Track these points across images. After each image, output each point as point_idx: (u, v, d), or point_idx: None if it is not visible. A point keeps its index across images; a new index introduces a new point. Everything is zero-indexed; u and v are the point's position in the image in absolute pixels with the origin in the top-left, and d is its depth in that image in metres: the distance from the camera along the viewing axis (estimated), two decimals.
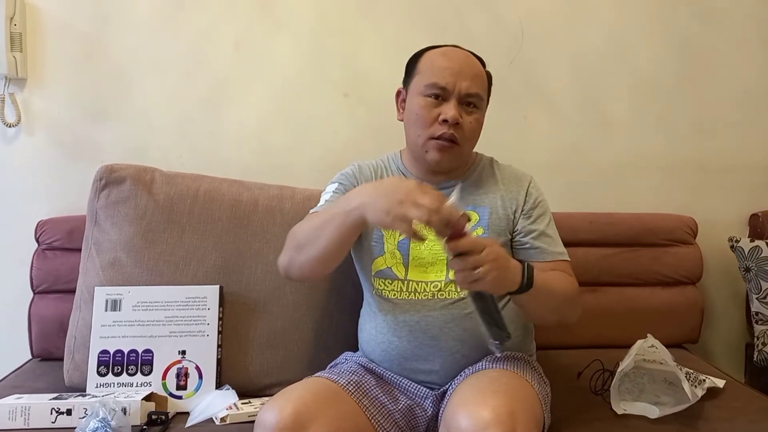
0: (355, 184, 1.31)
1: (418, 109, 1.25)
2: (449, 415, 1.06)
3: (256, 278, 1.47)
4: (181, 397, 1.36)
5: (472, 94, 1.25)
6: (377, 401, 1.20)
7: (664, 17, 1.86)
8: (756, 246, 1.74)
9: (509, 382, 1.13)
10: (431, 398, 1.23)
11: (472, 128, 1.26)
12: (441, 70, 1.25)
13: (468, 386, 1.13)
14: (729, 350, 1.92)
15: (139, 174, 1.50)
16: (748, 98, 1.90)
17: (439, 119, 1.24)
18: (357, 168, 1.37)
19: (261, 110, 1.79)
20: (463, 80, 1.24)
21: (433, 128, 1.25)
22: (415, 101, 1.26)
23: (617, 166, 1.88)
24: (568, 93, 1.86)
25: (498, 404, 1.02)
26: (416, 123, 1.26)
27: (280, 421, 1.04)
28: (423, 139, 1.26)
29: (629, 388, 1.36)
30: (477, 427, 0.99)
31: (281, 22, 1.78)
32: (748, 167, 1.90)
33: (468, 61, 1.28)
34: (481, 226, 1.29)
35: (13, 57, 1.68)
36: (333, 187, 1.33)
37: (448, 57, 1.27)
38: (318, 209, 1.30)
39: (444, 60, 1.26)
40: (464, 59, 1.28)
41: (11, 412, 1.24)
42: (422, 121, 1.25)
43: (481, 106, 1.28)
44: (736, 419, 1.30)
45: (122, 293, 1.40)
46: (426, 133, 1.25)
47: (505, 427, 0.99)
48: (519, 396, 1.09)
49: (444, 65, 1.25)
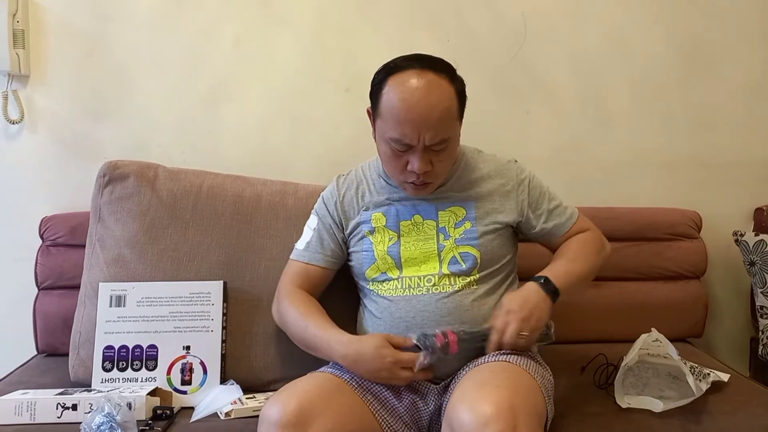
0: (335, 213, 1.35)
1: (385, 156, 1.25)
2: (451, 410, 1.05)
3: (259, 274, 1.47)
4: (185, 392, 1.37)
5: (436, 142, 1.19)
6: (381, 396, 1.21)
7: (666, 12, 1.85)
8: (761, 240, 1.74)
9: (511, 376, 1.13)
10: (434, 392, 1.23)
11: (444, 165, 1.25)
12: (402, 125, 1.17)
13: (469, 380, 1.13)
14: (733, 344, 1.92)
15: (142, 170, 1.51)
16: (751, 93, 1.89)
17: (407, 168, 1.22)
18: (335, 189, 1.38)
19: (261, 107, 1.79)
20: (426, 131, 1.17)
21: (403, 175, 1.24)
22: (382, 146, 1.24)
23: (620, 161, 1.87)
24: (570, 88, 1.85)
25: (499, 399, 1.02)
26: (387, 165, 1.27)
27: (283, 416, 1.04)
28: (397, 179, 1.28)
29: (633, 383, 1.36)
30: (478, 422, 0.99)
31: (282, 20, 1.78)
32: (751, 162, 1.90)
33: (430, 103, 1.16)
34: (468, 220, 1.30)
35: (16, 54, 1.68)
36: (314, 222, 1.37)
37: (409, 105, 1.16)
38: (302, 251, 1.35)
39: (404, 110, 1.16)
40: (426, 103, 1.16)
41: (17, 407, 1.24)
42: (391, 167, 1.25)
43: (450, 141, 1.22)
44: (740, 413, 1.29)
45: (126, 289, 1.40)
46: (398, 177, 1.26)
47: (506, 422, 0.99)
48: (521, 390, 1.09)
49: (404, 118, 1.16)
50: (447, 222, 1.31)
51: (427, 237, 1.30)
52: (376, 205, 1.34)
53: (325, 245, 1.35)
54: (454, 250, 1.29)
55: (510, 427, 0.98)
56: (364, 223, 1.33)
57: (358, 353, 1.17)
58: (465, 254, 1.29)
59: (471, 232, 1.30)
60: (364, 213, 1.34)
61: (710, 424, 1.25)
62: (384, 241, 1.31)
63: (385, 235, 1.32)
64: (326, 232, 1.36)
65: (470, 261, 1.28)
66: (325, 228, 1.36)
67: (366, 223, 1.33)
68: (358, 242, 1.34)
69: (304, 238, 1.37)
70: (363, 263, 1.32)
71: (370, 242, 1.32)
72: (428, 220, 1.31)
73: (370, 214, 1.33)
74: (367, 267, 1.32)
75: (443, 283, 1.26)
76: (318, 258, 1.35)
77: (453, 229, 1.30)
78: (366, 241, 1.32)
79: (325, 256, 1.35)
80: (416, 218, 1.32)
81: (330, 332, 1.23)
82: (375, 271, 1.31)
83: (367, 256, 1.32)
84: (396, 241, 1.31)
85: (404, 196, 1.32)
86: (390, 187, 1.34)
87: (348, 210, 1.36)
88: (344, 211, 1.36)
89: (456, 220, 1.31)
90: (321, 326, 1.25)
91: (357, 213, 1.35)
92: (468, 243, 1.29)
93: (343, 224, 1.36)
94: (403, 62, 1.22)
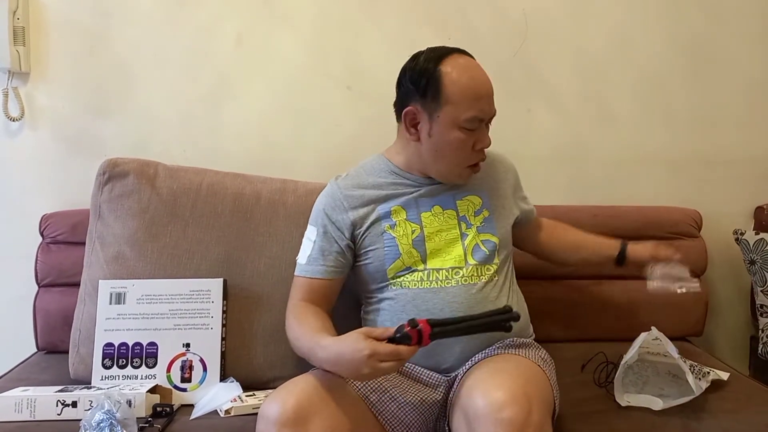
0: (336, 217, 1.29)
1: (456, 143, 1.22)
2: (465, 396, 1.06)
3: (259, 271, 1.47)
4: (185, 389, 1.37)
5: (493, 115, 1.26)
6: (384, 396, 1.20)
7: (668, 11, 1.85)
8: (761, 239, 1.73)
9: (521, 366, 1.15)
10: (444, 384, 1.23)
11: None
12: (479, 101, 1.21)
13: (481, 369, 1.14)
14: (733, 343, 1.92)
15: (142, 168, 1.50)
16: (752, 92, 1.88)
17: (475, 147, 1.24)
18: (337, 191, 1.32)
19: (263, 105, 1.79)
20: (492, 104, 1.24)
21: (470, 157, 1.25)
22: (452, 135, 1.21)
23: (621, 159, 1.87)
24: (572, 86, 1.85)
25: (513, 385, 1.03)
26: (453, 155, 1.24)
27: (282, 414, 1.04)
28: (460, 168, 1.27)
29: (633, 381, 1.36)
30: (493, 407, 0.99)
31: (283, 17, 1.77)
32: (752, 160, 1.89)
33: (487, 77, 1.24)
34: (485, 208, 1.32)
35: (16, 51, 1.68)
36: (313, 234, 1.31)
37: (480, 81, 1.22)
38: (304, 266, 1.30)
39: (478, 87, 1.21)
40: (486, 77, 1.24)
41: (17, 405, 1.24)
42: (461, 153, 1.24)
43: None
44: (740, 411, 1.29)
45: (126, 286, 1.40)
46: (464, 163, 1.26)
47: (521, 407, 0.99)
48: (532, 379, 1.11)
49: (481, 93, 1.21)
50: (466, 210, 1.31)
51: (449, 227, 1.29)
52: (391, 198, 1.30)
53: (326, 255, 1.29)
54: (477, 238, 1.29)
55: (525, 411, 0.99)
56: (384, 218, 1.28)
57: (338, 354, 1.10)
58: (486, 241, 1.29)
59: (489, 220, 1.31)
60: (380, 207, 1.29)
61: (710, 423, 1.25)
62: (407, 234, 1.28)
63: (408, 228, 1.28)
64: (327, 241, 1.30)
65: (491, 247, 1.29)
66: (326, 236, 1.30)
67: (385, 218, 1.28)
68: (377, 239, 1.28)
69: (304, 252, 1.32)
70: (385, 260, 1.27)
71: (391, 237, 1.27)
72: (448, 210, 1.30)
73: (389, 208, 1.29)
74: (390, 263, 1.27)
75: (471, 275, 1.26)
76: (320, 270, 1.29)
77: (473, 217, 1.30)
78: (387, 236, 1.28)
79: (327, 267, 1.29)
80: (436, 209, 1.30)
81: (315, 338, 1.17)
82: (399, 266, 1.27)
83: (390, 252, 1.27)
84: (420, 233, 1.28)
85: (420, 188, 1.30)
86: (404, 180, 1.31)
87: (358, 208, 1.30)
88: (353, 210, 1.30)
89: (475, 209, 1.31)
90: (308, 334, 1.20)
91: (372, 209, 1.29)
92: (488, 231, 1.30)
93: (350, 226, 1.29)
94: (437, 50, 1.24)
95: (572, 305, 1.69)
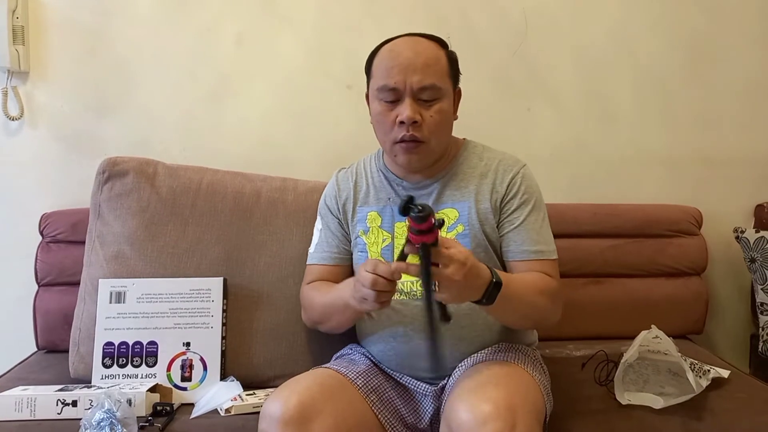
0: (335, 208, 1.34)
1: (376, 115, 1.22)
2: (449, 409, 1.05)
3: (259, 270, 1.47)
4: (185, 388, 1.37)
5: (425, 86, 1.17)
6: (385, 396, 1.20)
7: (668, 11, 1.85)
8: (761, 237, 1.73)
9: (509, 374, 1.12)
10: (431, 394, 1.22)
11: (435, 121, 1.19)
12: (388, 70, 1.18)
13: (468, 379, 1.11)
14: (734, 341, 1.92)
15: (141, 167, 1.50)
16: (752, 91, 1.88)
17: (396, 121, 1.18)
18: (335, 184, 1.36)
19: (263, 104, 1.79)
20: (413, 75, 1.16)
21: (393, 132, 1.20)
22: (373, 106, 1.23)
23: (621, 158, 1.87)
24: (572, 85, 1.85)
25: (498, 397, 1.01)
26: (378, 128, 1.24)
27: (285, 412, 1.04)
28: (389, 143, 1.23)
29: (633, 379, 1.36)
30: (477, 421, 0.98)
31: (284, 17, 1.77)
32: (752, 159, 1.89)
33: (417, 50, 1.18)
34: (460, 222, 1.24)
35: (16, 50, 1.68)
36: (319, 224, 1.37)
37: (395, 53, 1.19)
38: (313, 254, 1.35)
39: (390, 58, 1.19)
40: (412, 50, 1.18)
41: (17, 404, 1.24)
42: (382, 127, 1.22)
43: (442, 95, 1.19)
44: (740, 410, 1.29)
45: (126, 285, 1.40)
46: (389, 137, 1.21)
47: (505, 421, 0.98)
48: (520, 388, 1.08)
49: (390, 64, 1.18)
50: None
51: None
52: (372, 202, 1.31)
53: (331, 243, 1.34)
54: None
55: (509, 425, 0.98)
56: (359, 222, 1.31)
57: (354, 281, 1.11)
58: None
59: (464, 236, 1.23)
60: (360, 210, 1.31)
61: (710, 421, 1.25)
62: (378, 242, 1.28)
63: (379, 236, 1.28)
64: (330, 231, 1.34)
65: None
66: (329, 227, 1.35)
67: (361, 222, 1.31)
68: (356, 240, 1.31)
69: (313, 241, 1.37)
70: (358, 264, 1.29)
71: (363, 243, 1.29)
72: None
73: (366, 212, 1.30)
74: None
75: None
76: (326, 257, 1.33)
77: (445, 232, 1.24)
78: (360, 241, 1.29)
79: (332, 254, 1.33)
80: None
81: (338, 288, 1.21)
82: None
83: (362, 258, 1.28)
84: (390, 242, 1.27)
85: (401, 194, 1.27)
86: (388, 184, 1.30)
87: (346, 204, 1.34)
88: (343, 205, 1.34)
89: (449, 223, 1.25)
90: (332, 291, 1.24)
91: (353, 209, 1.32)
92: None
93: (344, 218, 1.34)
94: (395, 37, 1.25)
95: (572, 304, 1.69)
